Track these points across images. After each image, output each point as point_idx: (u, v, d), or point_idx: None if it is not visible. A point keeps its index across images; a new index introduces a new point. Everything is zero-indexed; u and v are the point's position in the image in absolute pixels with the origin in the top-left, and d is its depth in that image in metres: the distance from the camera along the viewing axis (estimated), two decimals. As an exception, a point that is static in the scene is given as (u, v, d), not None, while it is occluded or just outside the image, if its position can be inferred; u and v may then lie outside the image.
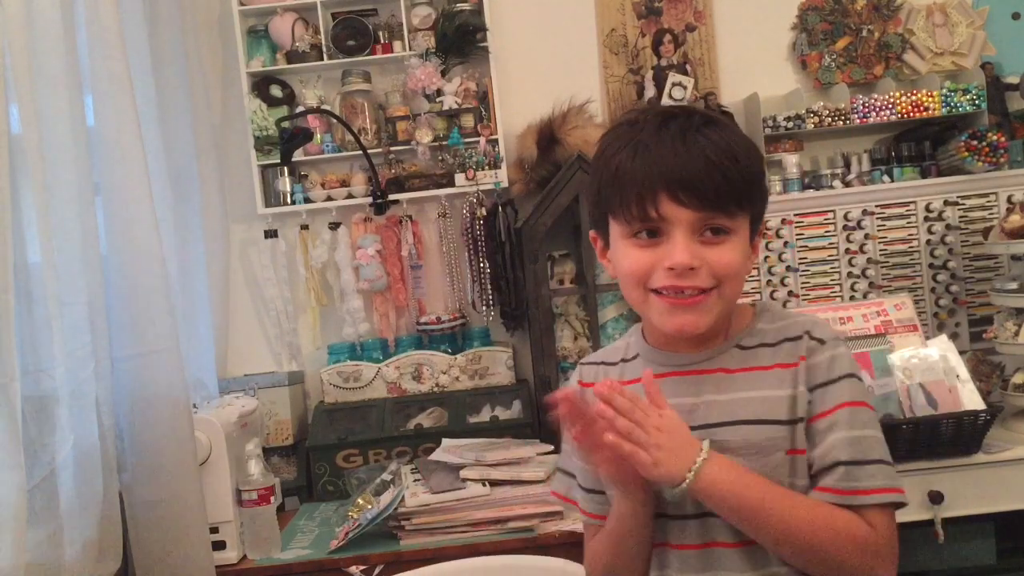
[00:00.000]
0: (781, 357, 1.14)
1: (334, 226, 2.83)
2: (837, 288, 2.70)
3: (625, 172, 1.10)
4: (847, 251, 2.69)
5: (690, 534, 1.15)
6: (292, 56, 2.79)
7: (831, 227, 2.70)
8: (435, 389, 2.70)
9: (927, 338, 2.33)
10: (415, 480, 2.25)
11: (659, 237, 1.10)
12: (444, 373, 2.70)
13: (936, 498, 2.09)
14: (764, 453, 1.10)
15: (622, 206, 1.10)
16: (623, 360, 1.26)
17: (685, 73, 2.79)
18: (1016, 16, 2.88)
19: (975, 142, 2.60)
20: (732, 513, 1.09)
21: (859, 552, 1.08)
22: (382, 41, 2.81)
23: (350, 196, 2.82)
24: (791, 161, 2.72)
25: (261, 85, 2.82)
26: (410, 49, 2.79)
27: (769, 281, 2.69)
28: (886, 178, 2.71)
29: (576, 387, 1.28)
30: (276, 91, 2.83)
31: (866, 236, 2.68)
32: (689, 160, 1.07)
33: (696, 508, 1.13)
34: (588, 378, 1.28)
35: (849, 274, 2.69)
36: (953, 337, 2.52)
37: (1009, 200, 2.63)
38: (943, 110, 2.69)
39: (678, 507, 1.14)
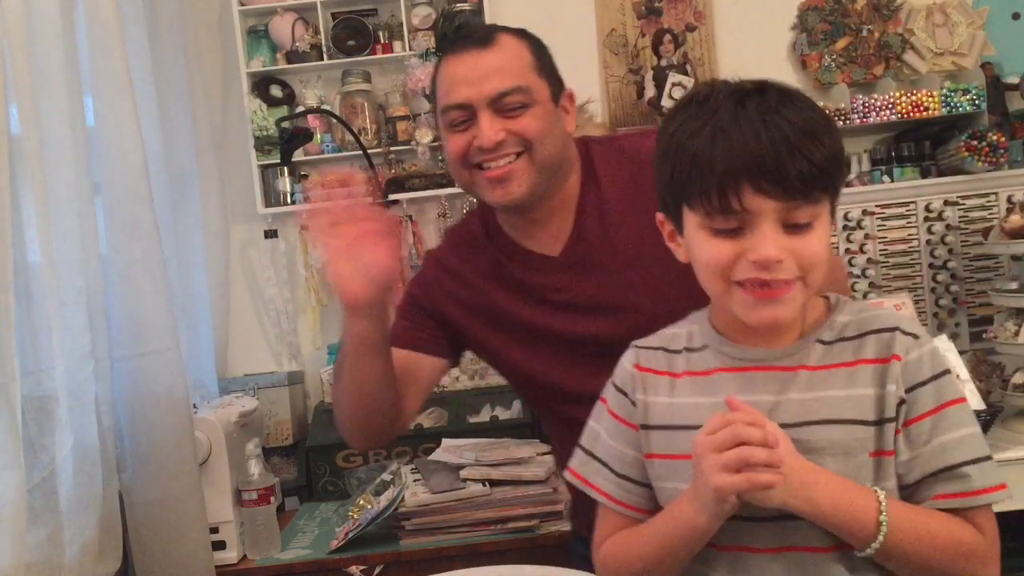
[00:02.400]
0: (866, 352, 1.07)
1: (334, 226, 2.82)
2: (837, 288, 2.70)
3: (704, 160, 1.01)
4: (847, 251, 2.69)
5: (766, 537, 1.07)
6: (292, 56, 2.79)
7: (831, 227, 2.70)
8: (435, 389, 2.69)
9: (927, 338, 2.32)
10: (415, 480, 2.25)
11: (742, 227, 1.02)
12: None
13: (936, 498, 2.08)
14: (850, 454, 1.04)
15: (702, 196, 1.02)
16: (687, 349, 1.16)
17: (685, 73, 2.79)
18: (1016, 16, 2.88)
19: (975, 142, 2.60)
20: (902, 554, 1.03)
21: (969, 562, 1.03)
22: (382, 41, 2.81)
23: (350, 196, 2.81)
24: (791, 161, 2.71)
25: (261, 85, 2.82)
26: (410, 49, 2.79)
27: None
28: (886, 178, 2.71)
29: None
30: (276, 91, 2.83)
31: (866, 236, 2.68)
32: (772, 146, 0.99)
33: (773, 510, 1.04)
34: (645, 363, 1.18)
35: (849, 274, 2.69)
36: (953, 337, 2.52)
37: (1009, 200, 2.63)
38: (943, 110, 2.69)
39: (751, 507, 1.05)
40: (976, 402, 2.16)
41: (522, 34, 1.50)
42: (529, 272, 1.51)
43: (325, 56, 2.79)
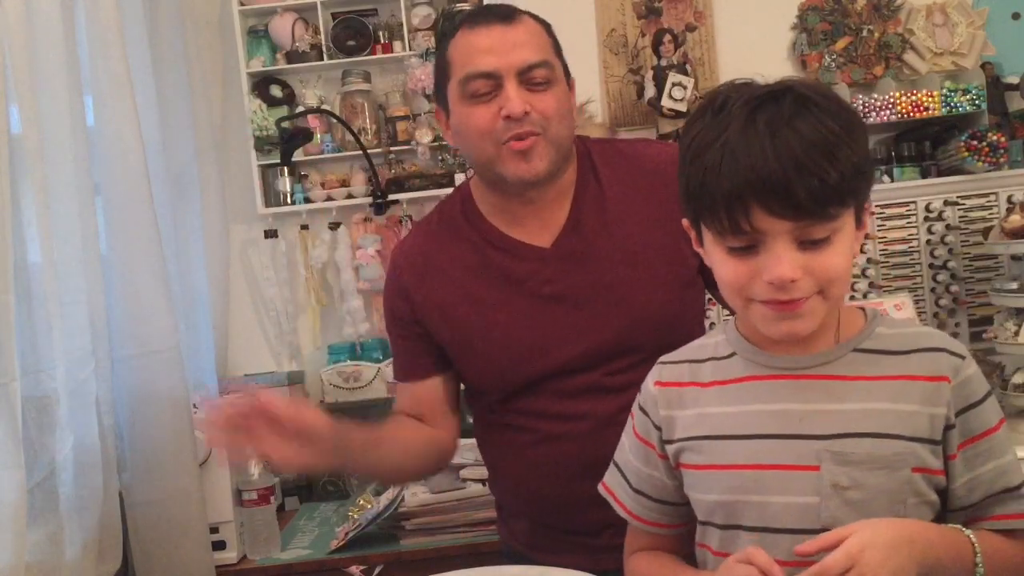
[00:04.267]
0: (912, 369, 1.04)
1: (334, 226, 2.83)
2: (837, 288, 2.70)
3: (711, 179, 0.99)
4: (847, 251, 2.69)
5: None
6: (292, 56, 2.79)
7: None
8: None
9: (927, 338, 2.32)
10: (415, 480, 2.26)
11: (755, 246, 0.99)
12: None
13: (936, 498, 2.08)
14: (891, 469, 1.01)
15: (712, 215, 1.00)
16: (713, 358, 1.14)
17: (685, 73, 2.79)
18: (1016, 16, 2.88)
19: (975, 142, 2.60)
20: None
21: None
22: (382, 41, 2.81)
23: (350, 196, 2.82)
24: (791, 161, 2.71)
25: (261, 85, 2.82)
26: (410, 49, 2.79)
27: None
28: (886, 178, 2.71)
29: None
30: (276, 91, 2.83)
31: (866, 236, 2.67)
32: (779, 166, 0.95)
33: (806, 523, 1.03)
34: (668, 378, 1.16)
35: (849, 274, 2.69)
36: (953, 337, 2.52)
37: (1009, 200, 2.63)
38: (943, 110, 2.69)
39: (787, 519, 1.04)
40: (976, 402, 2.15)
41: (536, 17, 1.50)
42: (516, 262, 1.47)
43: (325, 56, 2.79)
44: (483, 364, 1.50)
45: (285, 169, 2.79)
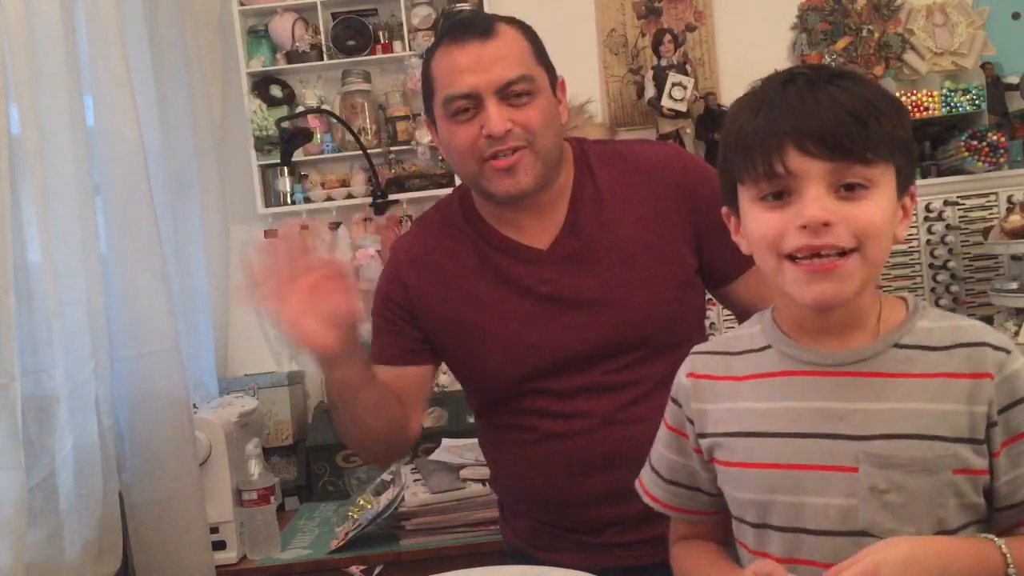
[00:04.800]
0: (954, 366, 1.00)
1: (334, 226, 2.83)
2: (837, 288, 2.70)
3: (748, 131, 0.99)
4: (847, 251, 2.69)
5: (827, 553, 1.01)
6: (292, 56, 2.79)
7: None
8: (435, 389, 2.70)
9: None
10: (415, 480, 2.25)
11: (791, 196, 0.97)
12: (444, 373, 2.69)
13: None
14: (932, 472, 0.98)
15: (747, 166, 0.99)
16: (749, 350, 1.10)
17: (685, 73, 2.79)
18: (1016, 16, 2.88)
19: (975, 142, 2.60)
20: None
21: None
22: (382, 41, 2.81)
23: (350, 196, 2.82)
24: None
25: (261, 85, 2.82)
26: (410, 49, 2.79)
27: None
28: (886, 178, 2.71)
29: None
30: (276, 91, 2.83)
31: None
32: (818, 109, 0.95)
33: (840, 526, 1.01)
34: (702, 370, 1.13)
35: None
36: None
37: (1009, 200, 2.63)
38: (943, 110, 2.69)
39: (821, 520, 1.02)
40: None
41: (516, 23, 1.48)
42: (514, 263, 1.48)
43: (325, 56, 2.79)
44: (479, 362, 1.50)
45: (285, 169, 2.79)
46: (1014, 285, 2.35)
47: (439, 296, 1.50)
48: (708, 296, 1.56)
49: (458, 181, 2.71)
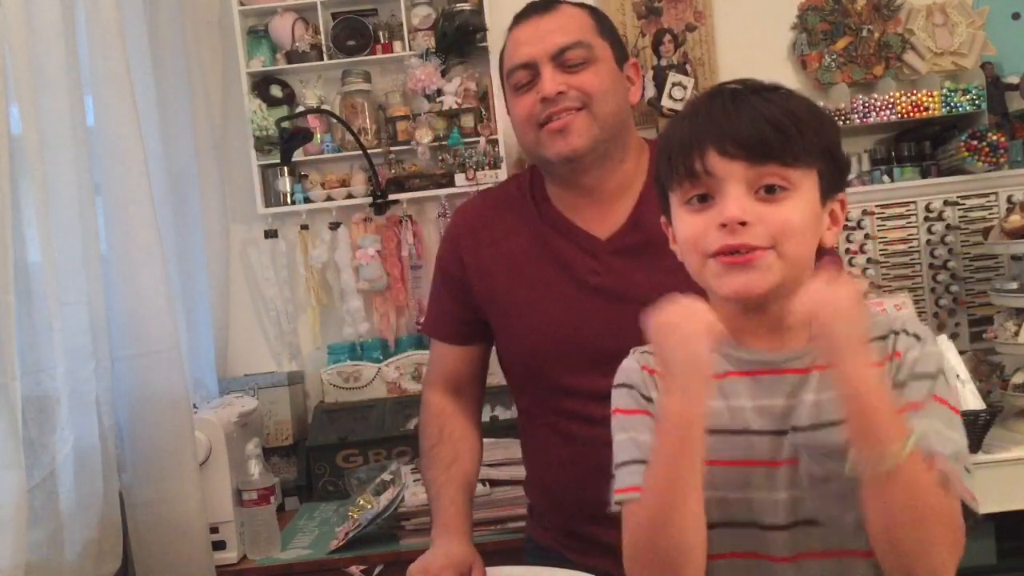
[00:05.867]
0: (873, 355, 1.02)
1: (334, 226, 2.83)
2: (837, 288, 2.70)
3: (673, 138, 1.05)
4: (847, 251, 2.69)
5: (781, 546, 1.05)
6: (292, 56, 2.79)
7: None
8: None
9: (927, 338, 2.32)
10: (415, 480, 2.25)
11: (714, 199, 1.02)
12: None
13: (936, 498, 2.08)
14: None
15: (672, 170, 1.05)
16: None
17: (685, 73, 2.79)
18: (1016, 16, 2.88)
19: (975, 142, 2.60)
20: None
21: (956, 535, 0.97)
22: (382, 41, 2.81)
23: (350, 196, 2.82)
24: (791, 161, 2.71)
25: (261, 85, 2.82)
26: (410, 49, 2.79)
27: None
28: (886, 178, 2.71)
29: None
30: (276, 91, 2.83)
31: (866, 236, 2.68)
32: (739, 118, 1.01)
33: (788, 517, 1.04)
34: (653, 367, 1.13)
35: (850, 274, 2.69)
36: (953, 337, 2.52)
37: (1009, 200, 2.63)
38: (943, 110, 2.69)
39: (771, 514, 1.05)
40: (976, 402, 2.16)
41: (584, 4, 1.54)
42: (569, 246, 1.51)
43: (325, 56, 2.79)
44: (516, 339, 1.55)
45: (285, 169, 2.79)
46: (1014, 285, 2.35)
47: (488, 264, 1.55)
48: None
49: (458, 181, 2.74)
